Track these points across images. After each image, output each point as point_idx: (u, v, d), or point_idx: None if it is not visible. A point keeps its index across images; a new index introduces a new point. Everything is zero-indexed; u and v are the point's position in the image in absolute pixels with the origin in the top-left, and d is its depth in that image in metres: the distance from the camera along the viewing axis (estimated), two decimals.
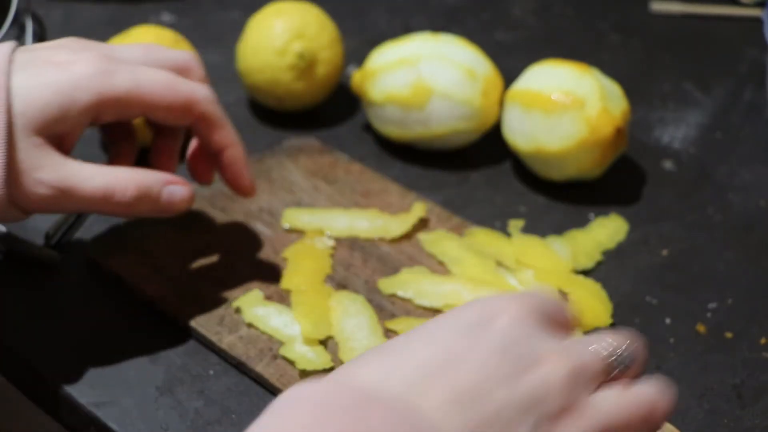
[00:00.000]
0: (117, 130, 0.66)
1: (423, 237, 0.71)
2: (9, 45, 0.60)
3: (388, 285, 0.67)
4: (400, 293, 0.67)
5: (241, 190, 0.67)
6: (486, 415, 0.42)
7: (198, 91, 0.63)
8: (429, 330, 0.45)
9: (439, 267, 0.69)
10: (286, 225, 0.71)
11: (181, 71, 0.64)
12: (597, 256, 0.71)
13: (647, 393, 0.46)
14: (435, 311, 0.66)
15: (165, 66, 0.63)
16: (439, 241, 0.70)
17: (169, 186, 0.62)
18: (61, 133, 0.59)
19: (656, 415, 0.46)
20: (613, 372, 0.46)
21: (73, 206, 0.60)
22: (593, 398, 0.44)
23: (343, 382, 0.43)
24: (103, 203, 0.60)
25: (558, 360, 0.44)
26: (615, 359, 0.46)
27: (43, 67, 0.59)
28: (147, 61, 0.63)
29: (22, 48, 0.60)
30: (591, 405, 0.44)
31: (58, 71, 0.59)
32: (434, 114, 0.77)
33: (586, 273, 0.70)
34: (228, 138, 0.65)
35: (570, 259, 0.70)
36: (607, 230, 0.73)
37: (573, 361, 0.44)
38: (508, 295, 0.47)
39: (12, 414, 0.72)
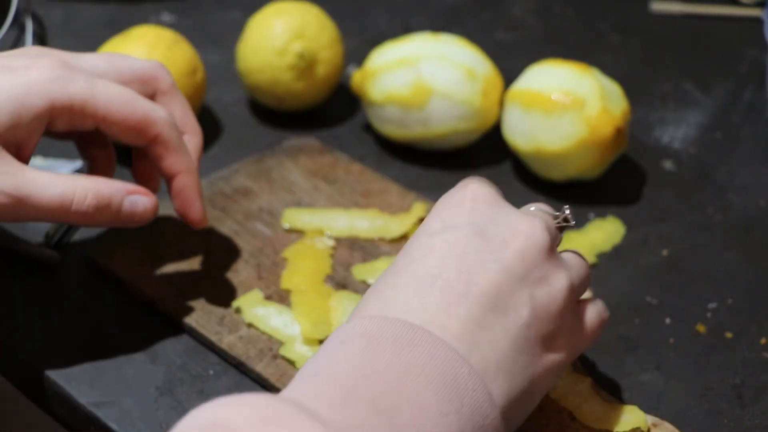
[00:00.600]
0: (91, 139, 0.65)
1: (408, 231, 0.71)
2: None
3: (361, 271, 0.67)
4: (370, 281, 0.67)
5: (189, 219, 0.64)
6: (497, 306, 0.51)
7: (155, 112, 0.61)
8: (422, 251, 0.53)
9: None
10: (286, 225, 0.71)
11: (147, 81, 0.63)
12: (591, 259, 0.71)
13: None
14: None
15: (129, 76, 0.62)
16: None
17: (131, 196, 0.60)
18: (17, 140, 0.58)
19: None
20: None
21: (29, 215, 0.59)
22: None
23: (384, 317, 0.50)
24: (61, 212, 0.58)
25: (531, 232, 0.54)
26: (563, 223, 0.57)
27: None
28: (109, 71, 0.62)
29: None
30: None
31: (13, 76, 0.58)
32: (434, 114, 0.77)
33: None
34: (182, 164, 0.63)
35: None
36: (603, 232, 0.73)
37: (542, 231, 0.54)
38: (462, 185, 0.58)
39: (12, 414, 0.72)
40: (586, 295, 0.67)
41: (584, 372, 0.62)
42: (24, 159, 0.59)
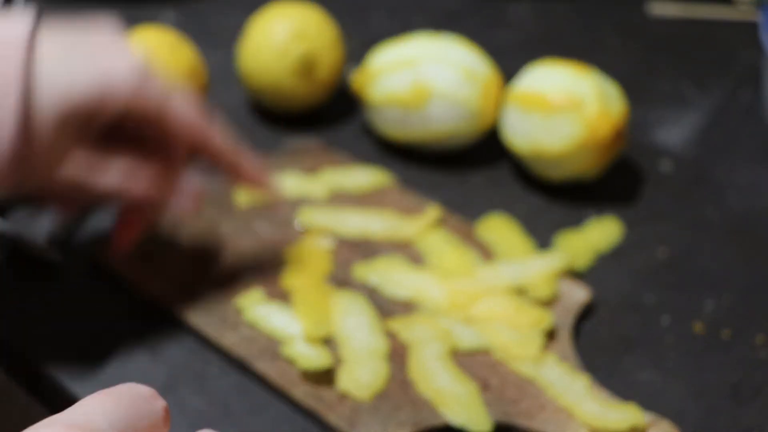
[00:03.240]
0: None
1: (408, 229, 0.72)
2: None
3: (361, 270, 0.68)
4: (371, 279, 0.67)
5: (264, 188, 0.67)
6: None
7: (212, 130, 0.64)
8: None
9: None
10: (298, 224, 0.71)
11: None
12: (589, 258, 0.72)
13: None
14: (404, 302, 0.67)
15: None
16: (420, 238, 0.71)
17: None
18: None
19: None
20: None
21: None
22: None
23: None
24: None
25: None
26: None
27: None
28: None
29: None
30: None
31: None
32: (434, 115, 0.77)
33: (580, 275, 0.70)
34: (238, 160, 0.66)
35: (564, 261, 0.70)
36: (601, 232, 0.74)
37: None
38: None
39: (14, 411, 0.73)
40: (581, 294, 0.67)
41: (583, 371, 0.63)
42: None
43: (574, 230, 0.73)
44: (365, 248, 0.71)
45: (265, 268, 0.69)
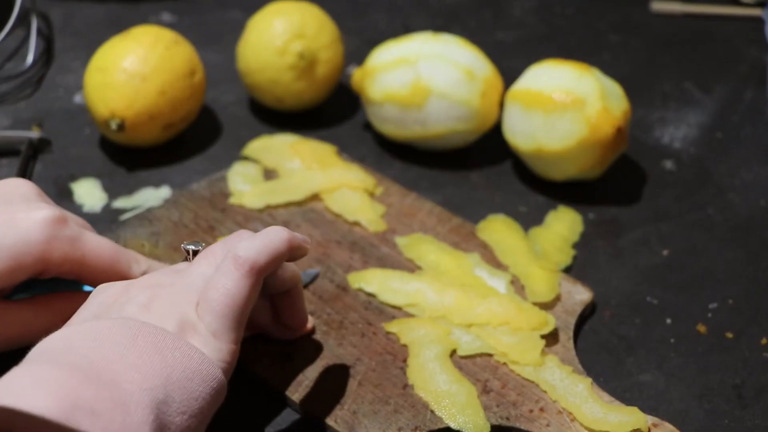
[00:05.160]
0: None
1: (400, 241, 0.71)
2: None
3: (355, 279, 0.67)
4: (366, 288, 0.67)
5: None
6: None
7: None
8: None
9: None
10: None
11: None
12: (569, 251, 0.71)
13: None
14: (398, 309, 0.66)
15: None
16: (415, 245, 0.70)
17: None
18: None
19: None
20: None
21: None
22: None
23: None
24: None
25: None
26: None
27: None
28: None
29: None
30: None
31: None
32: (432, 114, 0.77)
33: (568, 270, 0.70)
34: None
35: (544, 257, 0.70)
36: (565, 224, 0.74)
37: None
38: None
39: None
40: (583, 295, 0.67)
41: (584, 373, 0.62)
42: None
43: (536, 228, 0.73)
44: (365, 250, 0.70)
45: None
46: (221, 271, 0.54)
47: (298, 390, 0.61)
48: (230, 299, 0.53)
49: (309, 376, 0.62)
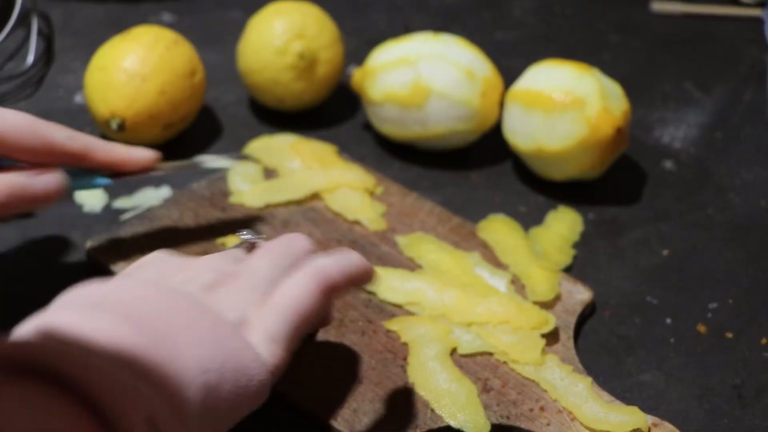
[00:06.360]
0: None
1: (400, 240, 0.71)
2: None
3: None
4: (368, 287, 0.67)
5: (139, 162, 0.66)
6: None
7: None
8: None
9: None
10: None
11: None
12: (569, 251, 0.71)
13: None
14: (399, 307, 0.66)
15: None
16: (416, 244, 0.70)
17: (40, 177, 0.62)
18: None
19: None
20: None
21: None
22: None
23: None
24: None
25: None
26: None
27: None
28: None
29: None
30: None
31: None
32: (432, 114, 0.77)
33: (568, 269, 0.70)
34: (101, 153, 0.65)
35: (544, 257, 0.70)
36: (565, 223, 0.74)
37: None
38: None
39: None
40: (583, 295, 0.67)
41: (584, 372, 0.62)
42: None
43: (536, 227, 0.73)
44: (365, 248, 0.70)
45: None
46: (298, 280, 0.54)
47: (297, 388, 0.61)
48: (301, 309, 0.53)
49: (309, 374, 0.62)
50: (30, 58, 0.86)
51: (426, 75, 0.76)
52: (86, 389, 0.44)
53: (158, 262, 0.56)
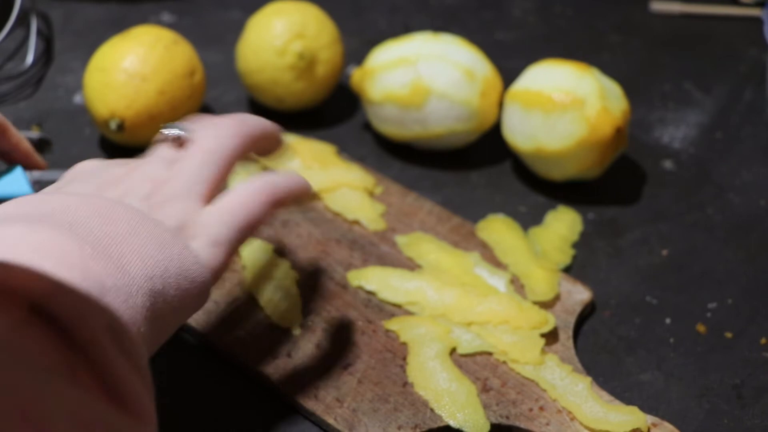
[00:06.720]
0: None
1: (400, 240, 0.71)
2: None
3: (355, 277, 0.67)
4: (366, 286, 0.67)
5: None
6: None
7: None
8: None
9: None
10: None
11: None
12: (569, 251, 0.71)
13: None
14: (398, 307, 0.66)
15: None
16: (415, 244, 0.70)
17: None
18: None
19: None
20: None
21: None
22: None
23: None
24: None
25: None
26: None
27: None
28: None
29: None
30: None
31: None
32: (432, 114, 0.77)
33: (568, 269, 0.70)
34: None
35: (544, 257, 0.70)
36: (564, 223, 0.74)
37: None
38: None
39: None
40: (583, 295, 0.67)
41: (584, 372, 0.62)
42: None
43: (539, 227, 0.73)
44: (365, 248, 0.70)
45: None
46: (249, 189, 0.56)
47: (297, 388, 0.61)
48: (247, 218, 0.55)
49: (308, 374, 0.62)
50: (29, 58, 0.86)
51: (426, 75, 0.76)
52: (42, 303, 0.44)
53: (91, 173, 0.56)
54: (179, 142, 0.57)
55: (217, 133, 0.57)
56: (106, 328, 0.45)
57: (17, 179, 0.66)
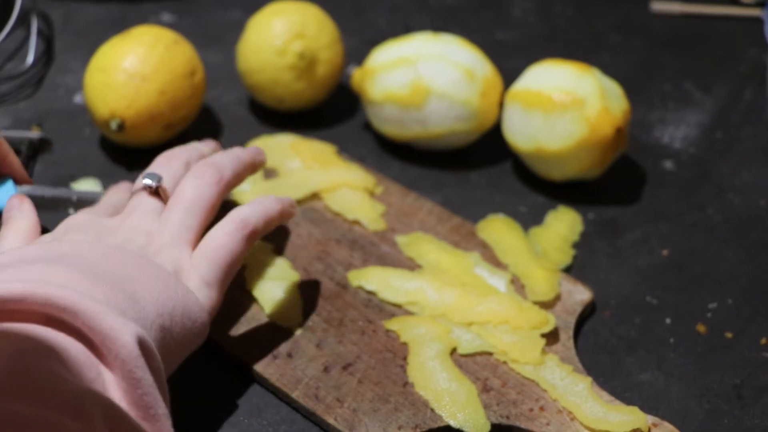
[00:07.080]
0: None
1: (400, 240, 0.71)
2: None
3: (355, 277, 0.68)
4: (366, 286, 0.67)
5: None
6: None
7: None
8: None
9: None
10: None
11: None
12: (569, 251, 0.71)
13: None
14: (398, 307, 0.66)
15: None
16: (415, 244, 0.70)
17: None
18: None
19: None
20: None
21: None
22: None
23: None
24: None
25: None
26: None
27: None
28: None
29: None
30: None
31: None
32: (432, 114, 0.77)
33: (568, 269, 0.70)
34: None
35: (544, 257, 0.70)
36: (565, 223, 0.74)
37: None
38: None
39: None
40: (583, 295, 0.67)
41: (584, 372, 0.62)
42: None
43: (536, 227, 0.73)
44: (365, 248, 0.70)
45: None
46: (225, 229, 0.60)
47: (297, 388, 0.61)
48: (229, 256, 0.59)
49: (309, 374, 0.62)
50: (30, 59, 0.86)
51: (426, 75, 0.76)
52: (76, 329, 0.49)
53: (85, 225, 0.60)
54: (156, 191, 0.61)
55: (197, 183, 0.61)
56: (137, 347, 0.49)
57: (8, 192, 0.66)
